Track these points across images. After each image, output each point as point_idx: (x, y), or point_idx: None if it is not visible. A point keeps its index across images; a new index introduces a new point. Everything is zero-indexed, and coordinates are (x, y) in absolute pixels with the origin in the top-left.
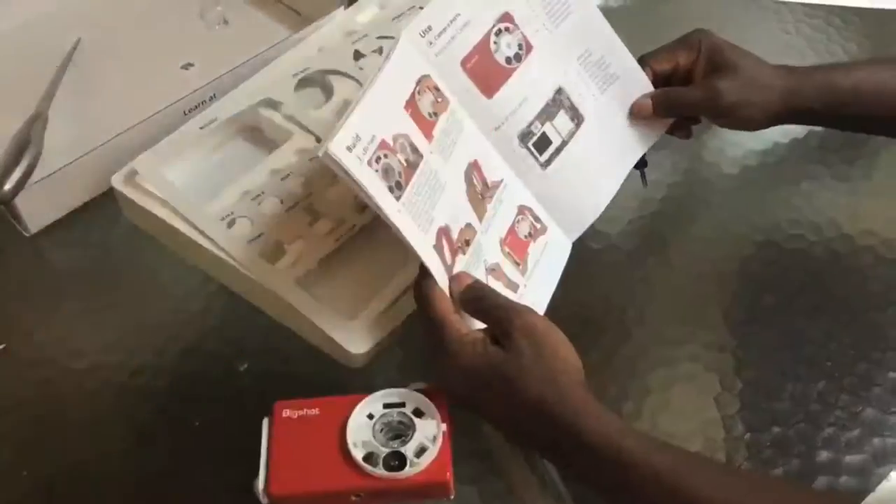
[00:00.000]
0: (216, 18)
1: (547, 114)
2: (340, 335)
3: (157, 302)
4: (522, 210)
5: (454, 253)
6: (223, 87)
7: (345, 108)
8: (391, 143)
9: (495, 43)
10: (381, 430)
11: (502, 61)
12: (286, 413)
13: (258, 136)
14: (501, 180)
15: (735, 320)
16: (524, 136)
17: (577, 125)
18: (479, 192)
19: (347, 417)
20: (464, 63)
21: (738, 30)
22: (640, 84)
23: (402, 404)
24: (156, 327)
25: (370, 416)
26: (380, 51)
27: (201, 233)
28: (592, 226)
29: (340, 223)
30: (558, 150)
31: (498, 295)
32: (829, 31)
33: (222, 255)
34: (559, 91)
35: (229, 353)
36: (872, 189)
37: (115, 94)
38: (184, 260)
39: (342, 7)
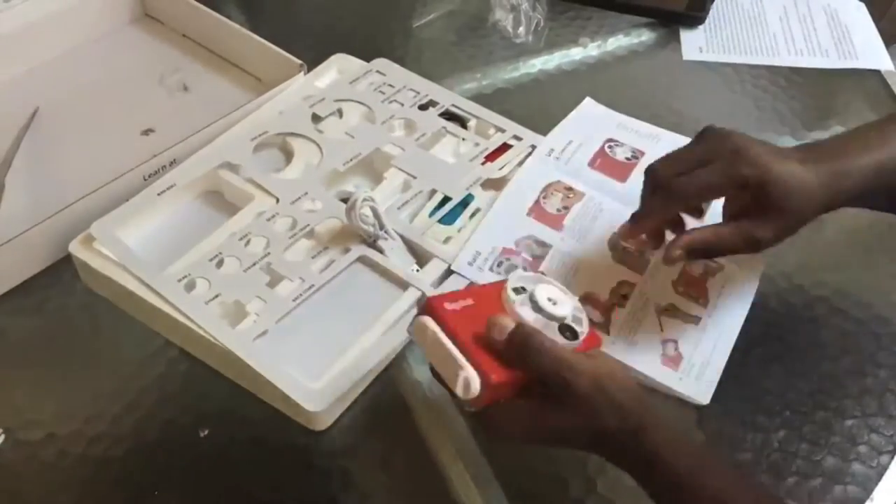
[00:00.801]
0: (176, 85)
1: None
2: (301, 397)
3: (115, 368)
4: None
5: (607, 310)
6: (184, 153)
7: (306, 169)
8: (514, 247)
9: (610, 151)
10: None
11: (622, 160)
12: (448, 306)
13: (219, 199)
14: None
15: None
16: None
17: None
18: (633, 251)
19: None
20: (591, 164)
21: (685, 92)
22: None
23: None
24: (114, 394)
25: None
26: (338, 113)
27: (159, 295)
28: None
29: (300, 283)
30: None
31: (549, 342)
32: (774, 91)
33: (180, 317)
34: None
35: (189, 420)
36: (822, 241)
37: (75, 161)
38: (143, 325)
39: (302, 73)
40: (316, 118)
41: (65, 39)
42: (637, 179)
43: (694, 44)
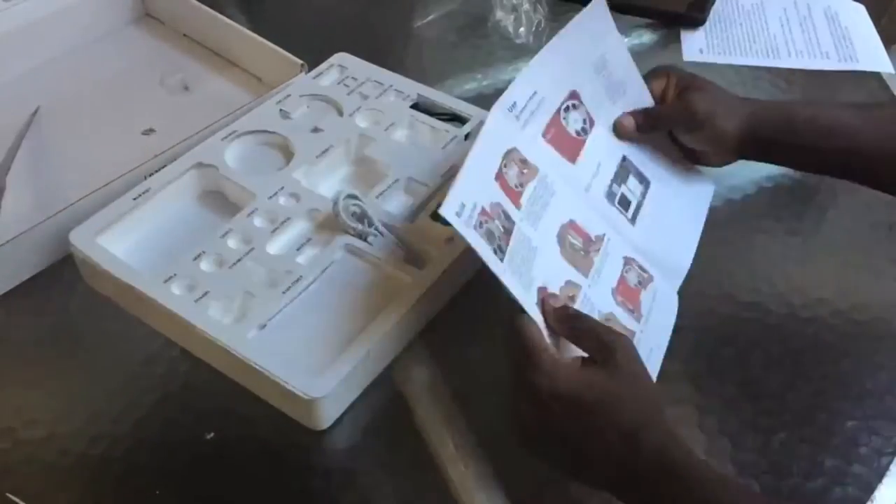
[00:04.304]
0: (177, 85)
1: (620, 177)
2: (299, 384)
3: (115, 368)
4: (629, 261)
5: None
6: (184, 153)
7: (280, 165)
8: (489, 210)
9: (564, 119)
10: None
11: (573, 133)
12: None
13: (198, 199)
14: (604, 234)
15: (694, 373)
16: (609, 196)
17: (646, 187)
18: (582, 247)
19: None
20: (545, 135)
21: None
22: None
23: None
24: (114, 394)
25: None
26: (305, 108)
27: (154, 293)
28: None
29: (290, 278)
30: (639, 207)
31: (593, 318)
32: (774, 92)
33: (176, 315)
34: (624, 158)
35: (190, 419)
36: (822, 241)
37: (75, 161)
38: (144, 325)
39: (303, 73)
40: (284, 114)
41: (65, 39)
42: (584, 161)
43: (694, 45)
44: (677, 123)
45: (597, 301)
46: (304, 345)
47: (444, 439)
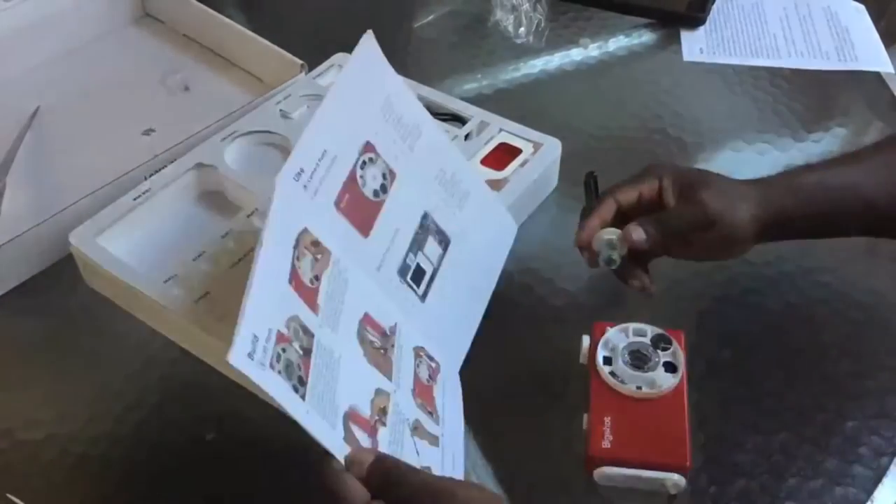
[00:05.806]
0: (177, 85)
1: (418, 243)
2: None
3: (116, 368)
4: (418, 352)
5: (373, 432)
6: (184, 153)
7: (281, 165)
8: (286, 331)
9: (361, 177)
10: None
11: (370, 195)
12: None
13: (198, 200)
14: (395, 324)
15: (694, 374)
16: (402, 272)
17: (445, 248)
18: (379, 346)
19: None
20: (337, 203)
21: (686, 92)
22: (489, 196)
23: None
24: (115, 394)
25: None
26: (305, 109)
27: (154, 293)
28: (553, 282)
29: None
30: (431, 279)
31: (415, 472)
32: (775, 93)
33: (176, 315)
34: (425, 216)
35: (190, 419)
36: (822, 243)
37: (76, 161)
38: (144, 325)
39: (303, 73)
40: (284, 114)
41: (65, 39)
42: (380, 231)
43: (694, 45)
44: (690, 227)
45: (404, 408)
46: None
47: None
